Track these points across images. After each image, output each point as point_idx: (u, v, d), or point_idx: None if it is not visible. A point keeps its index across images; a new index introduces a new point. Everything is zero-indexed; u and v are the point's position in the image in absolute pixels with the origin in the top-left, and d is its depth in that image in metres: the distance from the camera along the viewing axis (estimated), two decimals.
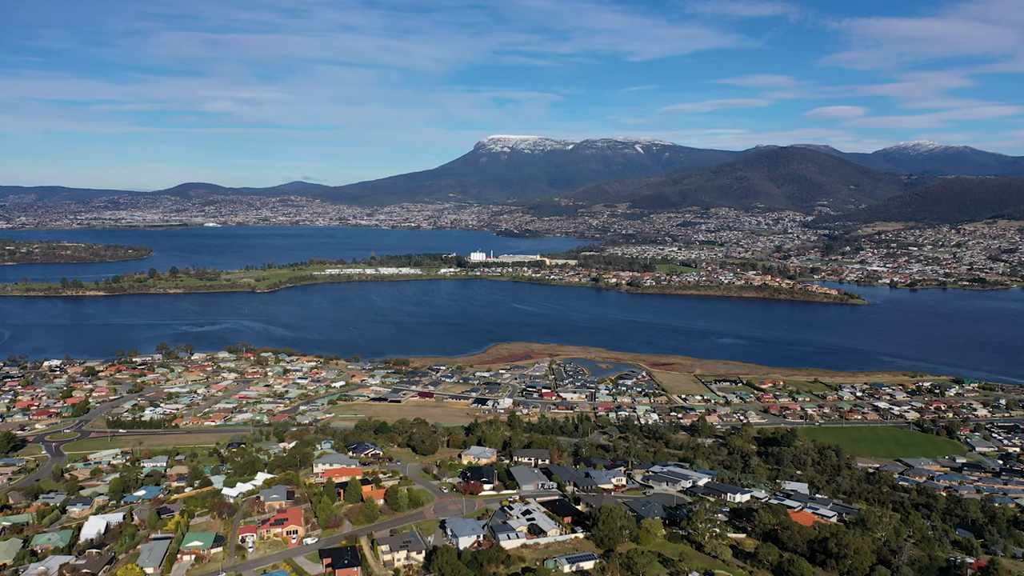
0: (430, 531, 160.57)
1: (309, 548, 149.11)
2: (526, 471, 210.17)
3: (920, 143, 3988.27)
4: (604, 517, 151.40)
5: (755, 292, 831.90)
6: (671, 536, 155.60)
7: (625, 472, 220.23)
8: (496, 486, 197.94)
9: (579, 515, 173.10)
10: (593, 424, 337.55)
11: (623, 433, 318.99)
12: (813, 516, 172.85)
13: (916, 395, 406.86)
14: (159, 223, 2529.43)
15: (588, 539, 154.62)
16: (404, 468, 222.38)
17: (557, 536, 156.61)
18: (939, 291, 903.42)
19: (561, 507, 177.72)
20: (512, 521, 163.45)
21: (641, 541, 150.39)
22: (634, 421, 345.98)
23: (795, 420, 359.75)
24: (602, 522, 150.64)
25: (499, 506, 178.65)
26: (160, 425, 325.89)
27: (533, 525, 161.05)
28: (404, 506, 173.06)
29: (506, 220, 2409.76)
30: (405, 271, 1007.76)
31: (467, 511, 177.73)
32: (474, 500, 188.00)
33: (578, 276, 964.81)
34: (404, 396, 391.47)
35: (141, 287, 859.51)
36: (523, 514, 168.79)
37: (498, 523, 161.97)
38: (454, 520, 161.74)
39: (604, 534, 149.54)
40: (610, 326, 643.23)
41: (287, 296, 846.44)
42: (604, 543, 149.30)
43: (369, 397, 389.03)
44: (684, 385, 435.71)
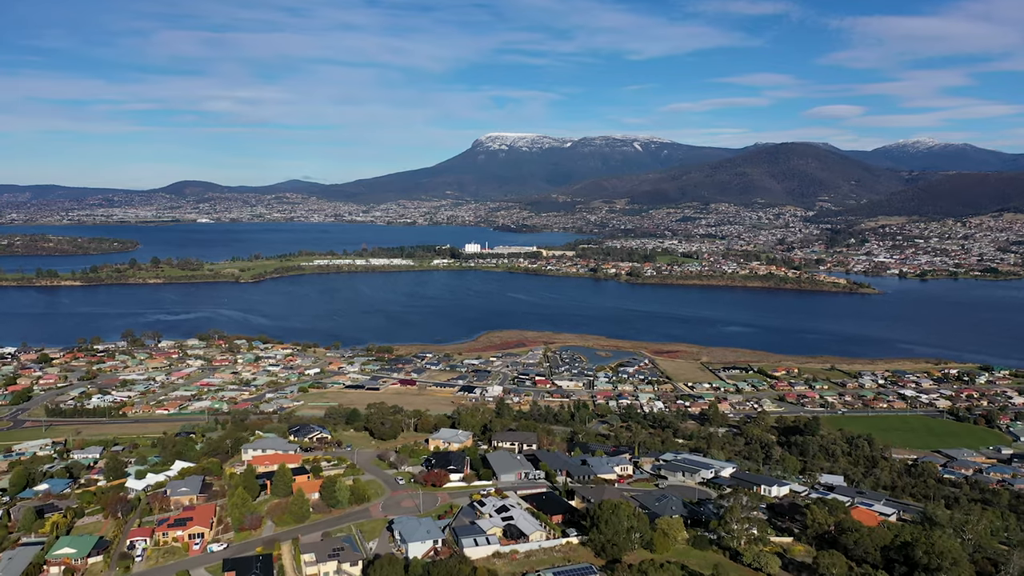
0: (375, 534, 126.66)
1: (212, 557, 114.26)
2: (506, 458, 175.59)
3: (920, 140, 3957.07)
4: (607, 515, 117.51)
5: (760, 282, 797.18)
6: (696, 540, 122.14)
7: (631, 460, 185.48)
8: (467, 476, 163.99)
9: (573, 513, 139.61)
10: (591, 412, 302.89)
11: (625, 422, 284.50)
12: (874, 514, 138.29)
13: (944, 383, 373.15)
14: (151, 219, 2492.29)
15: (585, 545, 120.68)
16: (354, 455, 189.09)
17: (543, 541, 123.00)
18: (950, 281, 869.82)
19: (549, 502, 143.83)
20: (483, 521, 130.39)
21: (657, 548, 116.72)
22: (637, 409, 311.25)
23: (814, 409, 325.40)
24: (604, 522, 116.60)
25: (468, 501, 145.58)
26: (106, 414, 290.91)
27: (511, 526, 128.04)
28: (344, 501, 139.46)
29: (503, 216, 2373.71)
30: (397, 262, 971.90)
31: (426, 507, 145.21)
32: (436, 494, 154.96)
33: (576, 267, 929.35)
34: (384, 384, 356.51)
35: (119, 277, 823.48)
36: (498, 511, 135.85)
37: (464, 524, 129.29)
38: (405, 520, 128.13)
39: (607, 539, 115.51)
40: (609, 314, 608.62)
41: (272, 286, 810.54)
42: (607, 551, 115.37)
43: (344, 385, 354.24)
44: (690, 373, 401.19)
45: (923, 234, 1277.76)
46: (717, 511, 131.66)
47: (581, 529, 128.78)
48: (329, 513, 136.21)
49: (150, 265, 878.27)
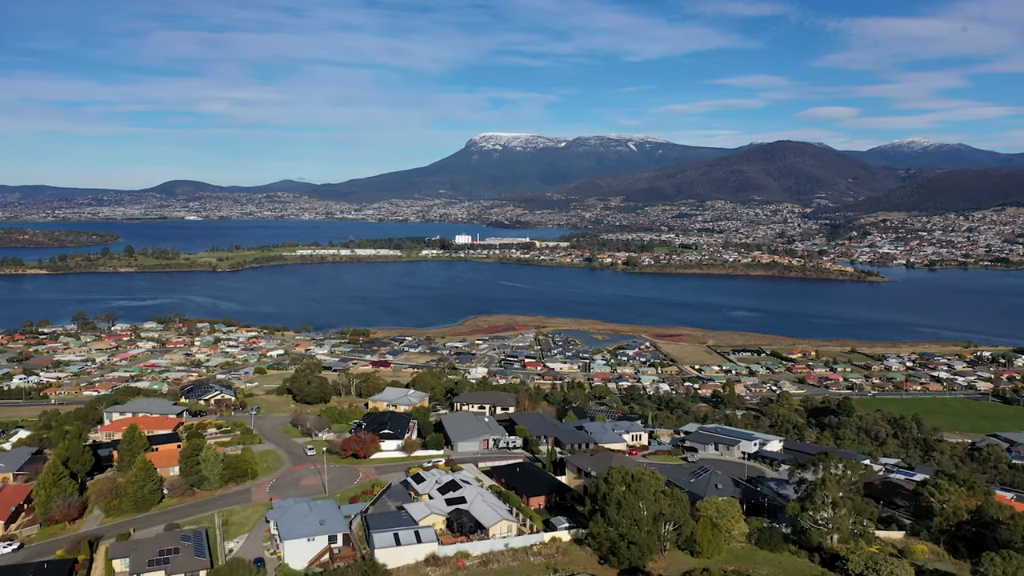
0: (246, 527, 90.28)
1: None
2: (467, 422, 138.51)
3: (915, 140, 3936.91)
4: (619, 494, 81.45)
5: (763, 270, 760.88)
6: (764, 536, 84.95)
7: (646, 429, 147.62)
8: (408, 444, 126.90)
9: (563, 493, 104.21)
10: (589, 394, 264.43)
11: (627, 404, 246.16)
12: (1008, 500, 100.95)
13: (978, 365, 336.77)
14: (138, 217, 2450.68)
15: (582, 543, 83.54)
16: (259, 421, 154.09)
17: (512, 537, 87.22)
18: (960, 271, 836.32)
19: (526, 478, 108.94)
20: (416, 506, 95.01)
21: (703, 548, 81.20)
22: (640, 391, 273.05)
23: (840, 391, 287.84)
24: (615, 505, 79.44)
25: (405, 477, 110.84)
26: (24, 395, 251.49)
27: (460, 514, 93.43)
28: (214, 479, 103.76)
29: (496, 213, 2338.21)
30: (384, 252, 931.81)
31: (339, 486, 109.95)
32: (358, 467, 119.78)
33: (570, 256, 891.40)
34: (354, 365, 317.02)
35: (89, 266, 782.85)
36: (443, 491, 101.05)
37: (386, 512, 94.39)
38: (289, 507, 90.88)
39: (620, 533, 78.58)
40: (606, 300, 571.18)
41: (251, 275, 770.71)
42: (620, 554, 79.12)
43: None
44: (696, 355, 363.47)
45: (926, 227, 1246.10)
46: (796, 489, 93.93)
47: (576, 518, 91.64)
48: (192, 496, 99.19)
49: (123, 254, 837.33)
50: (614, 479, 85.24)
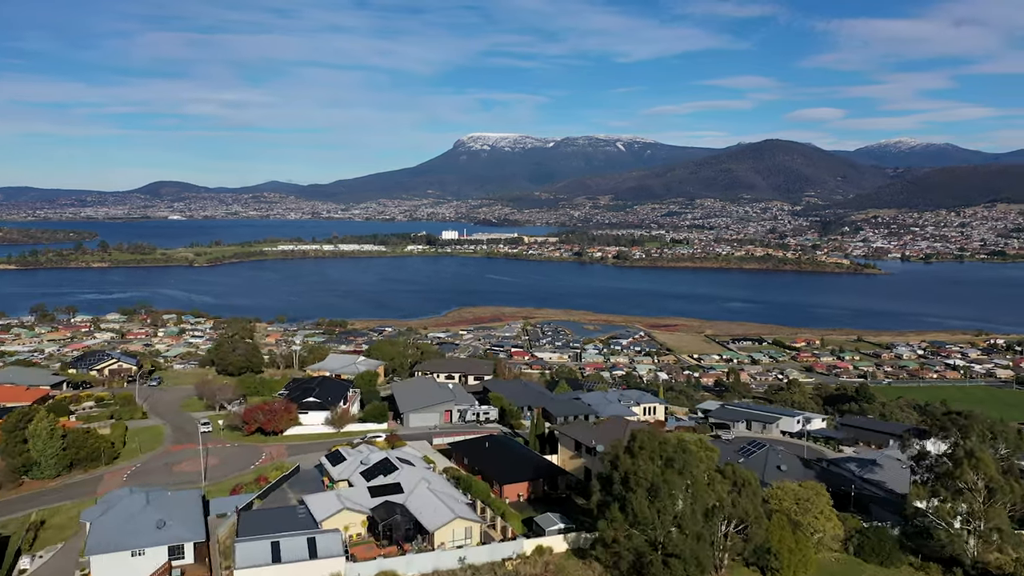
0: (67, 532, 68.13)
1: None
2: (424, 389, 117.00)
3: (902, 140, 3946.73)
4: (649, 472, 58.17)
5: (757, 263, 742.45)
6: (869, 543, 62.96)
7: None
8: (339, 416, 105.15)
9: (552, 479, 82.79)
10: (581, 382, 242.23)
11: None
12: None
13: (993, 352, 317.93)
14: (121, 216, 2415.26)
15: (585, 554, 61.59)
16: (157, 393, 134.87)
17: (471, 548, 64.47)
18: (956, 264, 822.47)
19: (497, 458, 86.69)
20: (320, 500, 71.09)
21: (787, 564, 58.47)
22: (636, 379, 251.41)
23: (850, 379, 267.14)
24: (646, 489, 57.60)
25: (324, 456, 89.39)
26: None
27: (390, 511, 69.70)
28: (48, 464, 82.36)
29: (485, 212, 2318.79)
30: (368, 248, 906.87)
31: (225, 471, 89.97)
32: (263, 447, 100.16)
33: (559, 251, 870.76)
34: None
35: (61, 261, 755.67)
36: (370, 475, 78.46)
37: (271, 510, 71.73)
38: (114, 502, 67.20)
39: (645, 543, 56.96)
40: (597, 292, 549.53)
41: (229, 270, 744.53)
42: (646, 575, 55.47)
43: None
44: (694, 345, 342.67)
45: (918, 223, 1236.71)
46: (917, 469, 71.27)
47: (574, 515, 69.50)
48: (18, 487, 79.15)
49: (97, 250, 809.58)
50: (643, 447, 60.46)
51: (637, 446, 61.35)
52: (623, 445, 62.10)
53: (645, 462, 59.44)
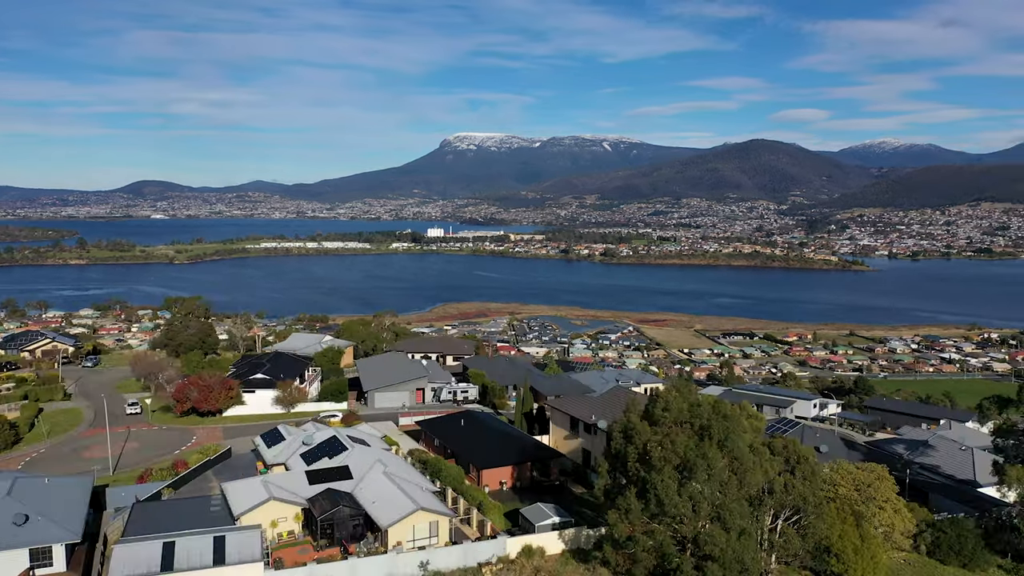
0: None
1: None
2: (394, 364, 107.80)
3: (886, 141, 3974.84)
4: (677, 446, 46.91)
5: (745, 260, 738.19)
6: (948, 540, 52.84)
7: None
8: (290, 395, 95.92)
9: (543, 463, 72.98)
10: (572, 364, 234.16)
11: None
12: None
13: (988, 346, 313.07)
14: (103, 216, 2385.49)
15: (587, 556, 53.38)
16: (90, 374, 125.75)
17: (436, 549, 53.44)
18: (943, 261, 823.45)
19: (474, 437, 76.40)
20: (242, 488, 59.31)
21: (853, 566, 47.82)
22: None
23: (846, 372, 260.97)
24: (673, 467, 46.16)
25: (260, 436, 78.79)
26: None
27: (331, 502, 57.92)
28: None
29: (471, 211, 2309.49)
30: (352, 245, 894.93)
31: (146, 456, 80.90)
32: (198, 428, 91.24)
33: (546, 248, 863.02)
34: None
35: (37, 258, 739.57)
36: (313, 456, 67.73)
37: (177, 501, 61.39)
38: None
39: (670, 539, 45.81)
40: (584, 289, 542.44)
41: (210, 267, 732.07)
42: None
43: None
44: (684, 340, 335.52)
45: (903, 221, 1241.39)
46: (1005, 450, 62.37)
47: (570, 505, 60.83)
48: None
49: (75, 247, 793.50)
50: (668, 409, 48.50)
51: (659, 409, 48.35)
52: (639, 410, 51.34)
53: (672, 431, 46.99)
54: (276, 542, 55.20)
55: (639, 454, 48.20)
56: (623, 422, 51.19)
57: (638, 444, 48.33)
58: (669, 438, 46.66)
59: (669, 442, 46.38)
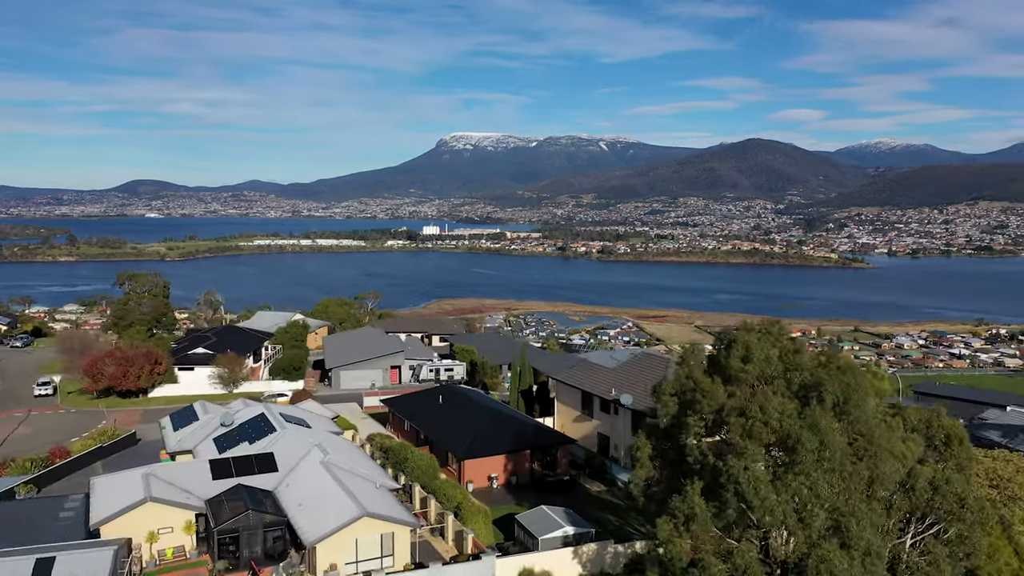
0: None
1: None
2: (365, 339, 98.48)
3: (882, 141, 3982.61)
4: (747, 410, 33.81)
5: (744, 257, 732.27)
6: None
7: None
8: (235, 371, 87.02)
9: (547, 451, 60.57)
10: (575, 347, 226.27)
11: None
12: None
13: (997, 342, 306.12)
14: (97, 215, 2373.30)
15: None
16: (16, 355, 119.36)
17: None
18: (943, 259, 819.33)
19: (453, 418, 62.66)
20: (115, 486, 44.67)
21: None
22: None
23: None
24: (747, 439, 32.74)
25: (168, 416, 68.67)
26: None
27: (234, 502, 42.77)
28: None
29: (468, 211, 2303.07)
30: (347, 243, 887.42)
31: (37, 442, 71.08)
32: (110, 413, 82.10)
33: (543, 246, 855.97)
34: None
35: (26, 255, 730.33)
36: (228, 441, 54.75)
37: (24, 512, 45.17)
38: None
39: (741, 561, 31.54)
40: (582, 286, 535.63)
41: (203, 264, 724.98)
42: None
43: None
44: (685, 335, 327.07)
45: (901, 220, 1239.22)
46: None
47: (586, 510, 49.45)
48: None
49: (65, 244, 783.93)
50: (750, 358, 34.54)
51: (736, 358, 34.24)
52: (700, 362, 37.99)
53: (759, 393, 33.01)
54: (156, 563, 41.07)
55: (706, 428, 34.82)
56: (677, 379, 37.42)
57: (705, 412, 34.31)
58: (756, 403, 32.09)
59: (757, 409, 31.91)
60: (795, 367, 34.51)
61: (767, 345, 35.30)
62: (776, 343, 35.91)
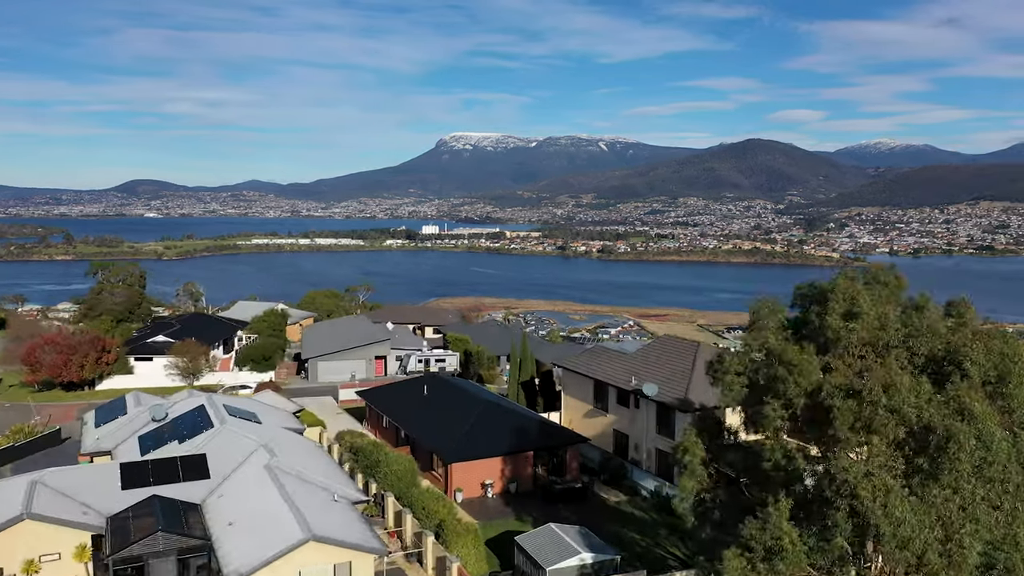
0: None
1: None
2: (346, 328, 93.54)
3: (882, 142, 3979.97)
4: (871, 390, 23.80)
5: (745, 256, 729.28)
6: None
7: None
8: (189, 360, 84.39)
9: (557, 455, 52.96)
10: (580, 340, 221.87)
11: None
12: None
13: None
14: (95, 214, 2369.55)
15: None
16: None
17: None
18: (945, 258, 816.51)
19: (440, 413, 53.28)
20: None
21: None
22: None
23: None
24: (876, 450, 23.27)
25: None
26: None
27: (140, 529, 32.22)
28: None
29: (467, 211, 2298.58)
30: (345, 242, 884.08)
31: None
32: (45, 408, 75.75)
33: (543, 245, 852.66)
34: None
35: (22, 254, 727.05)
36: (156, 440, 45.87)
37: None
38: None
39: None
40: (582, 285, 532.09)
41: (200, 263, 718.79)
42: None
43: None
44: (687, 334, 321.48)
45: (902, 219, 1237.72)
46: None
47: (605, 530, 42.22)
48: None
49: (62, 243, 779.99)
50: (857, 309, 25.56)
51: (836, 316, 25.52)
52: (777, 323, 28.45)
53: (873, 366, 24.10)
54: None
55: (792, 418, 25.91)
56: (744, 347, 29.24)
57: (791, 395, 25.14)
58: (875, 380, 22.83)
59: (877, 388, 22.57)
60: (920, 332, 24.90)
61: (877, 298, 26.45)
62: (892, 298, 27.48)
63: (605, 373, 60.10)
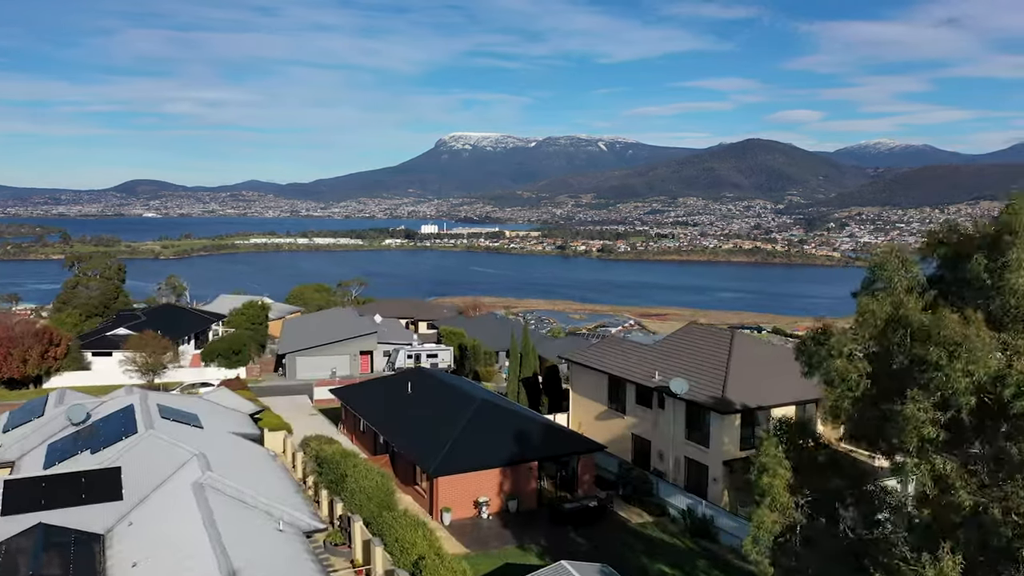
0: None
1: None
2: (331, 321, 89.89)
3: (881, 142, 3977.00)
4: None
5: (745, 256, 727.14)
6: None
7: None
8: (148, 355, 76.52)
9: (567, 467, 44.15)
10: (585, 335, 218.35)
11: None
12: None
13: None
14: (94, 214, 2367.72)
15: None
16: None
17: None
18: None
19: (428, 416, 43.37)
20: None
21: None
22: None
23: None
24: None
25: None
26: None
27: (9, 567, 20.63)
28: None
29: (466, 210, 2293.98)
30: (344, 241, 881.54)
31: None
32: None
33: (542, 245, 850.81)
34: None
35: (19, 253, 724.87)
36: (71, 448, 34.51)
37: None
38: None
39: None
40: (582, 284, 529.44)
41: (198, 262, 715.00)
42: None
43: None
44: None
45: (903, 219, 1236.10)
46: None
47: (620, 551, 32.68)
48: None
49: (59, 242, 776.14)
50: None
51: (1017, 270, 16.93)
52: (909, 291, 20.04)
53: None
54: None
55: (948, 423, 18.25)
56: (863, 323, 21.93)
57: (957, 388, 17.68)
58: None
59: None
60: None
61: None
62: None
63: (622, 367, 52.03)
